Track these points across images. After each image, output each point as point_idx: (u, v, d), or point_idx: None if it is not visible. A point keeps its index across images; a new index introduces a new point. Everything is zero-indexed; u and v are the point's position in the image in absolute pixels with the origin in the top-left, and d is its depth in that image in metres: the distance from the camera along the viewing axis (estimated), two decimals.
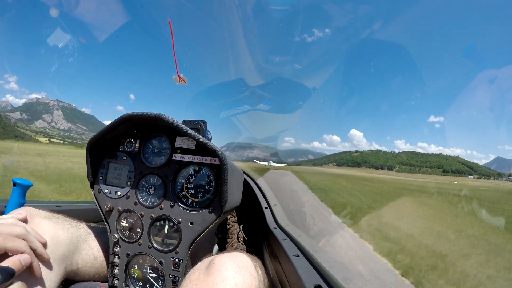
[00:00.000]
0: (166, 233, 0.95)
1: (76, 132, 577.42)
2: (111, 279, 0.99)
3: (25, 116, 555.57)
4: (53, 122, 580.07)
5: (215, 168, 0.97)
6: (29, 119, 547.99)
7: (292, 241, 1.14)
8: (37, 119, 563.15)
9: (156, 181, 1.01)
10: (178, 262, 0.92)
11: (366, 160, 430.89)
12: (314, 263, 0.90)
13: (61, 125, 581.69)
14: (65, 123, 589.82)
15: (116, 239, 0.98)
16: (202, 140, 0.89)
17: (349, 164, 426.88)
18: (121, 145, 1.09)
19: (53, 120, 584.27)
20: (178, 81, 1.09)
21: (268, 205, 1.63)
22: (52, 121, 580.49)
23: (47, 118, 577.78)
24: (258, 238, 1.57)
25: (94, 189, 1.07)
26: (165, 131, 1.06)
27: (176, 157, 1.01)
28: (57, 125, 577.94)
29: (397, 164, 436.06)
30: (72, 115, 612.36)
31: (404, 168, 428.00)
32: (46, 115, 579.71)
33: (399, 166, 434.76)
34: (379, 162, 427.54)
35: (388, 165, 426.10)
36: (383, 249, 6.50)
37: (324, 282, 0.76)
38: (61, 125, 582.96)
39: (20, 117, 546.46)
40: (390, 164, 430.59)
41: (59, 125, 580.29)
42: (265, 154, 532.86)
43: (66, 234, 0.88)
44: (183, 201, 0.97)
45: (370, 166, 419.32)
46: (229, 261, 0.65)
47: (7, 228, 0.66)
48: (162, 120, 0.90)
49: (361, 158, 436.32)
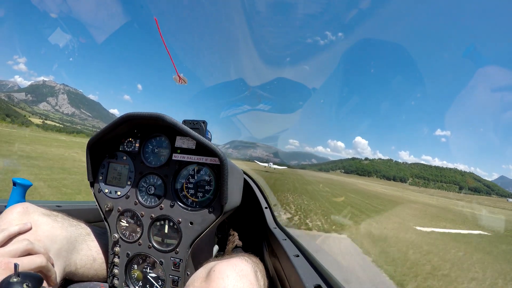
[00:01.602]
0: (166, 233, 0.96)
1: (79, 117, 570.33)
2: (111, 279, 0.99)
3: (29, 97, 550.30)
4: (57, 106, 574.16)
5: (215, 168, 0.97)
6: (33, 101, 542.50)
7: (292, 241, 1.14)
8: (42, 101, 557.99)
9: (156, 181, 1.01)
10: (178, 262, 0.92)
11: (377, 169, 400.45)
12: (314, 263, 0.90)
13: (65, 109, 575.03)
14: (69, 107, 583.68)
15: (116, 239, 0.99)
16: (202, 140, 0.89)
17: (358, 172, 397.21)
18: (121, 145, 1.09)
19: (58, 103, 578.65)
20: (178, 81, 1.11)
21: (268, 205, 1.64)
22: (56, 105, 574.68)
23: (51, 101, 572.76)
24: (258, 238, 1.58)
25: (94, 189, 1.07)
26: (165, 131, 1.06)
27: (176, 157, 1.01)
28: (61, 109, 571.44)
29: (410, 176, 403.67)
30: (77, 100, 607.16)
31: (417, 182, 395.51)
32: (51, 98, 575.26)
33: (413, 178, 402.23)
34: (391, 173, 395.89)
35: (401, 177, 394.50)
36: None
37: (324, 282, 0.76)
38: (65, 109, 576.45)
39: (25, 98, 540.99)
40: (403, 176, 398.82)
41: (63, 109, 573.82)
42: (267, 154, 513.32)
43: (65, 233, 0.88)
44: (183, 201, 0.97)
45: (382, 176, 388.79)
46: (230, 269, 0.65)
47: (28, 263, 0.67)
48: (162, 120, 0.91)
49: (372, 166, 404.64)
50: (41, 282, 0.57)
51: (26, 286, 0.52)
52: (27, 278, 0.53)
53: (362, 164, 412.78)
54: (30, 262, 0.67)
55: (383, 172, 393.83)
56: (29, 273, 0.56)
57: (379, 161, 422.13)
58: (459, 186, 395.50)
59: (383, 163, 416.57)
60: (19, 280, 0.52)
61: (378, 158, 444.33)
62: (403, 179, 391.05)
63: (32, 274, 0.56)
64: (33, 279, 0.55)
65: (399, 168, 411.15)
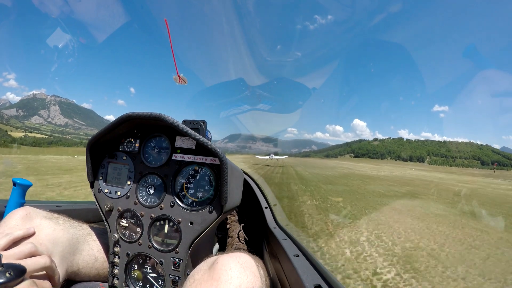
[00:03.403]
0: (166, 233, 0.96)
1: (73, 127, 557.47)
2: (111, 279, 1.00)
3: (21, 112, 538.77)
4: (50, 118, 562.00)
5: (215, 168, 0.97)
6: (25, 116, 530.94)
7: (292, 241, 1.14)
8: (33, 115, 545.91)
9: (156, 181, 1.01)
10: (178, 262, 0.92)
11: (390, 150, 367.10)
12: (314, 263, 0.90)
13: (58, 120, 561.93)
14: (61, 118, 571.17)
15: (116, 239, 0.99)
16: (202, 140, 0.89)
17: (370, 155, 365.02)
18: (121, 145, 1.09)
19: (50, 115, 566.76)
20: (178, 81, 1.11)
21: (268, 205, 1.63)
22: (48, 117, 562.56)
23: (43, 113, 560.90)
24: (258, 238, 1.58)
25: (94, 189, 1.07)
26: (165, 131, 1.06)
27: (176, 157, 1.01)
28: (53, 121, 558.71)
29: (427, 155, 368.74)
30: (70, 110, 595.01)
31: (436, 160, 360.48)
32: (42, 110, 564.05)
33: (430, 157, 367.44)
34: (406, 153, 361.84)
35: (417, 156, 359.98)
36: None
37: (324, 282, 0.76)
38: (57, 120, 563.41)
39: (16, 113, 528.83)
40: (420, 155, 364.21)
41: (56, 120, 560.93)
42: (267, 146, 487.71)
43: (67, 235, 0.89)
44: (183, 200, 0.97)
45: (396, 157, 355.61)
46: (233, 261, 0.65)
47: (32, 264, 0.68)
48: (162, 120, 0.91)
49: (383, 148, 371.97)
50: (24, 272, 0.59)
51: (9, 274, 0.55)
52: (10, 267, 0.56)
53: (373, 145, 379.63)
54: (35, 263, 0.68)
55: (397, 153, 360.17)
56: (12, 264, 0.58)
57: (390, 141, 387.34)
58: (481, 161, 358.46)
59: (394, 143, 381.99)
60: (2, 269, 0.55)
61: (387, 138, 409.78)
62: (421, 158, 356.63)
63: (15, 265, 0.58)
64: (15, 269, 0.57)
65: (412, 146, 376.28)
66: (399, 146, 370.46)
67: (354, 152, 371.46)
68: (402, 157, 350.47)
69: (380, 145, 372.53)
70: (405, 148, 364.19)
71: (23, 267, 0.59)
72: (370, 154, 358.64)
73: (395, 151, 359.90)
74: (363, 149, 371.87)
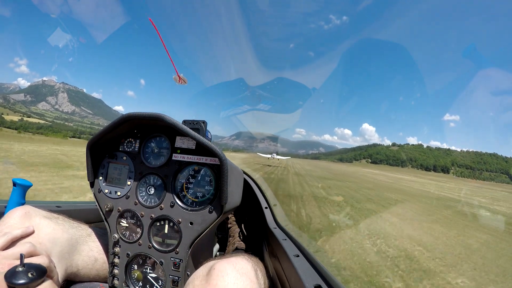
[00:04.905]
0: (166, 233, 0.96)
1: (79, 115, 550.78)
2: (111, 279, 1.00)
3: (28, 98, 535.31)
4: (57, 105, 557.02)
5: (215, 168, 0.97)
6: (32, 101, 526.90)
7: (292, 241, 1.14)
8: (41, 101, 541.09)
9: (156, 181, 1.01)
10: (178, 262, 0.92)
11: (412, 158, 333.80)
12: (314, 263, 0.90)
13: (65, 108, 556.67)
14: (69, 105, 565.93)
15: (116, 239, 0.99)
16: (202, 140, 0.90)
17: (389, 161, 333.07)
18: (121, 145, 1.09)
19: (58, 102, 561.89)
20: (178, 81, 1.12)
21: (268, 205, 1.63)
22: (56, 103, 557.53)
23: (51, 100, 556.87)
24: (258, 238, 1.58)
25: (94, 189, 1.07)
26: (165, 131, 1.06)
27: (176, 157, 1.02)
28: (61, 108, 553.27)
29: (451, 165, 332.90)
30: (78, 98, 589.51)
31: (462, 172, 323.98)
32: (50, 97, 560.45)
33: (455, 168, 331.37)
34: (429, 161, 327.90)
35: (442, 166, 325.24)
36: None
37: (324, 282, 0.76)
38: (65, 107, 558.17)
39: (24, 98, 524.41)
40: (444, 164, 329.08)
41: (63, 107, 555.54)
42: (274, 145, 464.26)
43: (66, 235, 0.89)
44: (183, 201, 0.97)
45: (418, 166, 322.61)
46: (230, 267, 0.66)
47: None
48: (162, 120, 0.91)
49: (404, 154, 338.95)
50: (45, 272, 0.60)
51: (31, 274, 0.56)
52: (31, 268, 0.58)
53: (392, 151, 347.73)
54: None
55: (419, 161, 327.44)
56: (34, 264, 0.60)
57: (410, 147, 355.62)
58: (509, 176, 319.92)
59: (415, 149, 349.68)
60: (24, 269, 0.56)
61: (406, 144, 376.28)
62: (445, 168, 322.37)
63: (36, 265, 0.60)
64: (37, 269, 0.59)
65: (434, 155, 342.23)
66: (420, 153, 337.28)
67: (372, 158, 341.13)
68: (424, 165, 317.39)
69: (399, 151, 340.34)
70: (427, 156, 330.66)
71: (44, 268, 0.60)
72: (389, 161, 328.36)
73: (417, 159, 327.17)
74: (381, 154, 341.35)
